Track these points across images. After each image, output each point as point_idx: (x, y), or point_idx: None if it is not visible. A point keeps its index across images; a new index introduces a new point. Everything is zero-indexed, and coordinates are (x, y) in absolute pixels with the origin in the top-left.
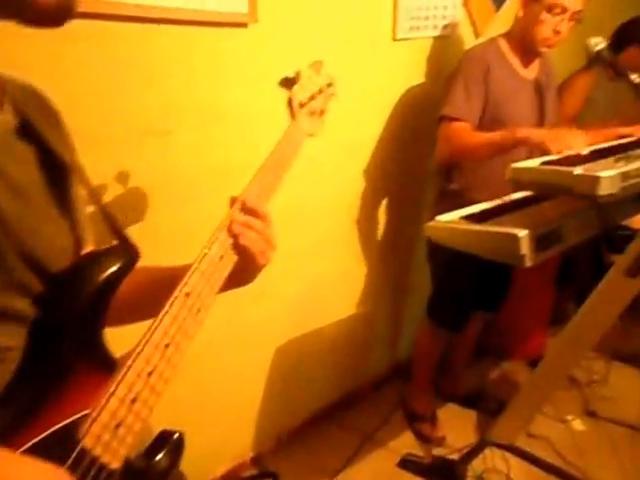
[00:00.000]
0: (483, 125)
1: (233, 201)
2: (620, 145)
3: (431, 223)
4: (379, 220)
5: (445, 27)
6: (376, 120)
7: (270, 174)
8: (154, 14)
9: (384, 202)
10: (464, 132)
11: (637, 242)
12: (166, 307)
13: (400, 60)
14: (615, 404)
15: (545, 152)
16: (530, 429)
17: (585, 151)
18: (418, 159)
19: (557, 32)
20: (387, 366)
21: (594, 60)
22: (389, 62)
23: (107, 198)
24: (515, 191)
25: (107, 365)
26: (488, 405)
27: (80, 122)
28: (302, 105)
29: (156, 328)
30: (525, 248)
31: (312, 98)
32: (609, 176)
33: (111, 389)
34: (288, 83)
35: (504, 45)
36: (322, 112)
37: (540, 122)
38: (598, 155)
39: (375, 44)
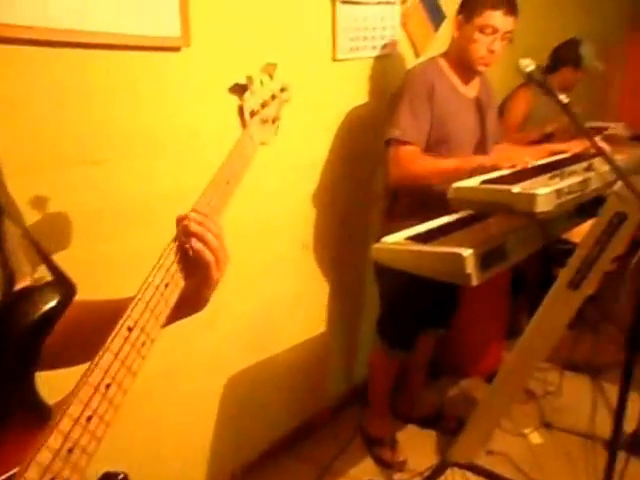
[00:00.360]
0: (428, 144)
1: (180, 220)
2: (556, 162)
3: (377, 245)
4: (330, 240)
5: (385, 47)
6: (323, 140)
7: (221, 187)
8: (87, 39)
9: (335, 221)
10: (415, 157)
11: (577, 255)
12: (106, 344)
13: (342, 80)
14: (569, 414)
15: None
16: (489, 446)
17: (530, 164)
18: (367, 178)
19: (491, 51)
20: (345, 390)
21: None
22: (331, 82)
23: (41, 228)
24: (457, 210)
25: (40, 414)
26: (448, 424)
27: (13, 150)
28: (254, 113)
29: (95, 367)
30: (470, 267)
31: (264, 105)
32: (545, 193)
33: (43, 441)
34: (239, 90)
35: (444, 64)
36: (275, 119)
37: (482, 140)
38: (535, 172)
39: (315, 65)
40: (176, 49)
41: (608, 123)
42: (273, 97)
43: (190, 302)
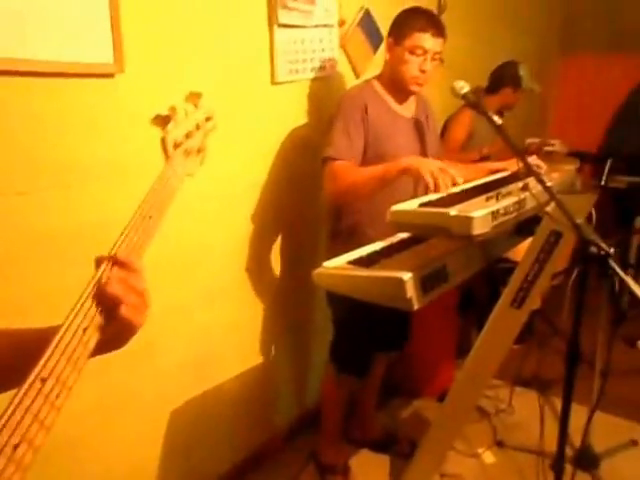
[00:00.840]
0: (367, 162)
1: (99, 261)
2: (493, 182)
3: (318, 270)
4: (273, 264)
5: (324, 69)
6: (263, 163)
7: (143, 223)
8: (15, 66)
9: (277, 245)
10: (348, 170)
11: (517, 274)
12: (16, 399)
13: (281, 103)
14: (520, 431)
15: (426, 185)
16: (443, 468)
17: (460, 181)
18: (310, 200)
19: (422, 71)
20: (296, 417)
21: (462, 99)
22: (270, 105)
23: None
24: (397, 232)
25: None
26: (401, 448)
27: None
28: (177, 145)
29: (2, 428)
30: (411, 291)
31: (189, 136)
32: (480, 216)
33: None
34: (161, 121)
35: (378, 86)
36: (200, 150)
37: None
38: (472, 194)
39: (254, 89)
40: (109, 75)
41: (547, 140)
42: (198, 127)
43: (110, 344)
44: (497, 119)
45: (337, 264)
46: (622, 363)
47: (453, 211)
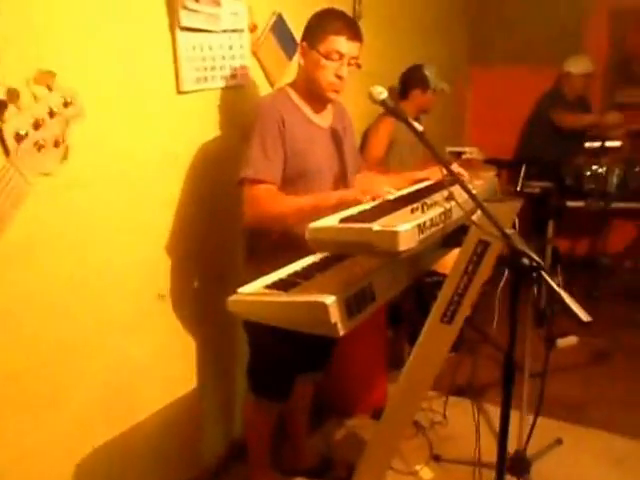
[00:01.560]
0: (284, 179)
1: None
2: (417, 192)
3: (233, 297)
4: (191, 287)
5: (235, 77)
6: (174, 179)
7: None
8: None
9: (196, 267)
10: (270, 196)
11: (446, 288)
12: None
13: (190, 114)
14: (456, 442)
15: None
16: None
17: (391, 195)
18: (227, 217)
19: (339, 77)
20: (225, 449)
21: (381, 105)
22: (177, 117)
23: None
24: (317, 251)
25: None
26: (338, 473)
27: None
28: (21, 137)
29: None
30: (335, 316)
31: (38, 125)
32: (406, 230)
33: None
34: None
35: (293, 94)
36: (58, 142)
37: (341, 171)
38: (396, 206)
39: (158, 99)
40: None
41: (464, 147)
42: (52, 114)
43: None
44: (418, 125)
45: (253, 289)
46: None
47: (376, 226)
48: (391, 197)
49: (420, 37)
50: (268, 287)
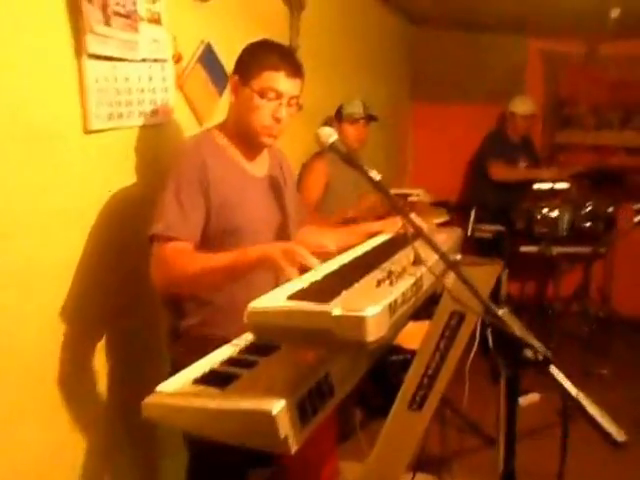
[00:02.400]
0: (211, 238)
1: None
2: (376, 252)
3: (150, 399)
4: (100, 371)
5: (156, 114)
6: (77, 236)
7: None
8: None
9: (104, 348)
10: (182, 255)
11: (414, 370)
12: None
13: (100, 156)
14: None
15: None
16: None
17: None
18: (145, 282)
19: (277, 119)
20: None
21: (328, 151)
22: (85, 160)
23: None
24: (259, 339)
25: None
26: None
27: None
28: None
29: None
30: (285, 427)
31: None
32: (376, 314)
33: None
34: None
35: (220, 137)
36: None
37: (281, 226)
38: (355, 273)
39: (60, 138)
40: None
41: (409, 190)
42: None
43: None
44: (374, 174)
45: (177, 386)
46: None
47: (336, 309)
48: (334, 264)
49: (360, 72)
50: (198, 382)
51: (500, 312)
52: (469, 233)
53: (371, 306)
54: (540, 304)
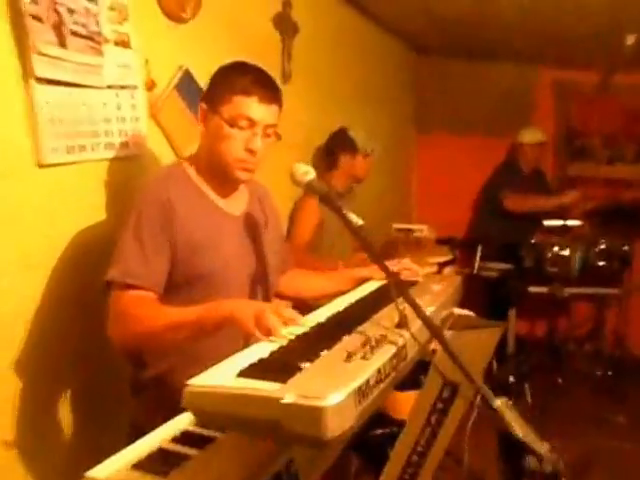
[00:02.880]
0: (177, 285)
1: None
2: (355, 309)
3: None
4: (59, 437)
5: (126, 146)
6: (31, 282)
7: None
8: None
9: (67, 400)
10: (143, 307)
11: (401, 446)
12: None
13: (55, 194)
14: None
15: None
16: None
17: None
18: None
19: (250, 151)
20: None
21: (305, 190)
22: (38, 198)
23: None
24: (197, 424)
25: None
26: None
27: None
28: None
29: None
30: None
31: None
32: (338, 404)
33: None
34: None
35: (190, 171)
36: None
37: (259, 271)
38: (324, 339)
39: (9, 176)
40: None
41: (413, 225)
42: None
43: None
44: (355, 218)
45: (113, 471)
46: None
47: (289, 394)
48: (299, 331)
49: (359, 101)
50: (136, 467)
51: (497, 403)
52: (475, 271)
53: (333, 393)
54: (550, 343)
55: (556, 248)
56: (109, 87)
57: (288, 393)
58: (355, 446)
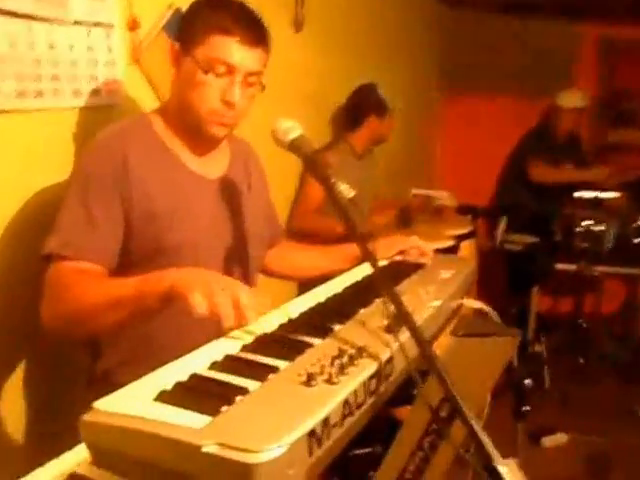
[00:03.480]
0: (134, 262)
1: None
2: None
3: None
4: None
5: (98, 93)
6: None
7: None
8: None
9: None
10: (83, 282)
11: (385, 471)
12: None
13: (4, 147)
14: None
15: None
16: None
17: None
18: None
19: (227, 103)
20: None
21: (288, 150)
22: None
23: None
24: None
25: None
26: None
27: None
28: None
29: None
30: None
31: None
32: (279, 458)
33: None
34: None
35: (158, 124)
36: None
37: (237, 245)
38: (293, 344)
39: None
40: None
41: (434, 192)
42: None
43: None
44: (347, 190)
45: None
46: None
47: (210, 442)
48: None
49: (379, 56)
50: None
51: (502, 468)
52: (497, 244)
53: (271, 442)
54: (575, 323)
55: (589, 222)
56: (77, 23)
57: (208, 439)
58: (334, 466)
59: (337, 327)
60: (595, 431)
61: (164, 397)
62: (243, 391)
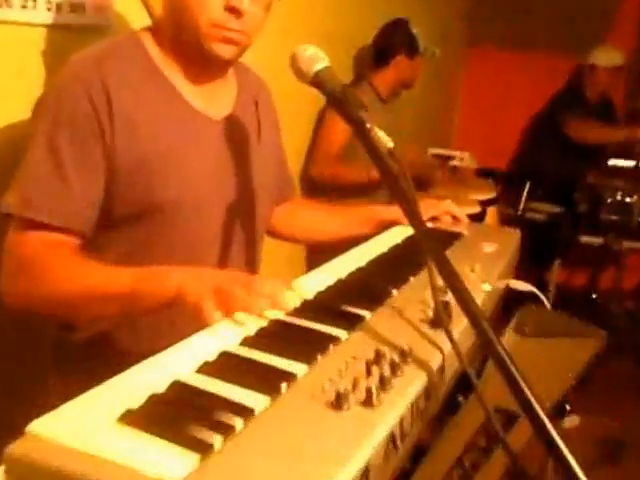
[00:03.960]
0: (117, 221)
1: None
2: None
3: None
4: None
5: (81, 9)
6: None
7: None
8: None
9: None
10: (55, 260)
11: None
12: None
13: None
14: None
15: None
16: None
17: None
18: None
19: (233, 10)
20: None
21: (311, 83)
22: None
23: None
24: None
25: None
26: None
27: None
28: None
29: None
30: None
31: None
32: None
33: None
34: None
35: (149, 44)
36: None
37: (243, 199)
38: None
39: None
40: None
41: (454, 152)
42: None
43: None
44: (385, 138)
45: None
46: None
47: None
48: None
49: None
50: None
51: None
52: (519, 212)
53: None
54: (588, 296)
55: (618, 193)
56: None
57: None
58: None
59: (367, 315)
60: (608, 413)
61: (130, 418)
62: (247, 412)
